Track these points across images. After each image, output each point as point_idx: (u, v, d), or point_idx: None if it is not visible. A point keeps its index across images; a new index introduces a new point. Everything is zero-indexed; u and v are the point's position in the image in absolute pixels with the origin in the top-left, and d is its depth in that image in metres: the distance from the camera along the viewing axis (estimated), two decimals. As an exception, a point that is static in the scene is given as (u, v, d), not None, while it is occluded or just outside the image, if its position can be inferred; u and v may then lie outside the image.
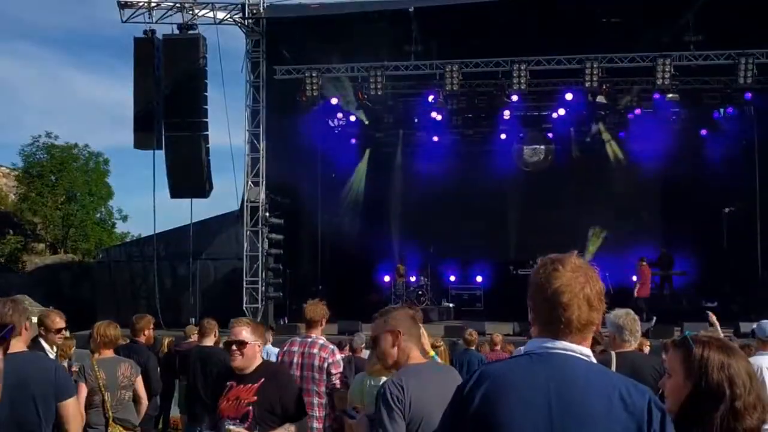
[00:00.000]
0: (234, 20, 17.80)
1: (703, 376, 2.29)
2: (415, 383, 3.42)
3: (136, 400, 6.17)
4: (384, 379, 4.05)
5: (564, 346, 2.08)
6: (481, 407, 2.04)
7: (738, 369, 2.28)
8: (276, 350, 8.09)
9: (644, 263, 18.36)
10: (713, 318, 7.30)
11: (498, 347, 10.70)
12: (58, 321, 5.69)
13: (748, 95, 18.28)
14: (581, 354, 2.09)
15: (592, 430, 1.95)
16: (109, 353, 6.06)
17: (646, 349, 7.67)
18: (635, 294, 17.54)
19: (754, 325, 6.82)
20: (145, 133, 18.18)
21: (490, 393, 2.05)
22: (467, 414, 2.08)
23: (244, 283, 17.46)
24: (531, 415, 1.98)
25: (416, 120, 21.01)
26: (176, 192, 18.29)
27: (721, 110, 20.14)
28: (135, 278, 20.41)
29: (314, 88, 17.26)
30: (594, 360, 2.13)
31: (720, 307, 18.75)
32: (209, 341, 7.75)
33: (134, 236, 32.46)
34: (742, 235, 20.04)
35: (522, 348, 2.18)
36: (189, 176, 17.98)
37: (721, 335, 5.48)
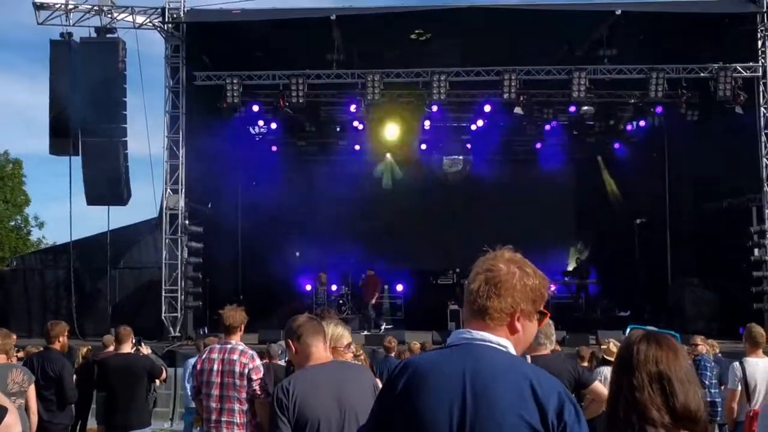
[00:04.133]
0: (153, 24, 17.44)
1: (616, 366, 2.28)
2: (304, 385, 3.56)
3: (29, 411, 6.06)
4: None
5: (482, 336, 2.15)
6: (403, 395, 2.15)
7: (647, 356, 2.17)
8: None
9: (372, 272, 19.30)
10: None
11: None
12: None
13: (659, 109, 19.07)
14: (498, 344, 2.14)
15: (500, 417, 2.02)
16: (1, 359, 5.99)
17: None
18: (366, 301, 18.66)
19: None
20: (61, 139, 17.58)
21: (411, 381, 2.15)
22: (392, 401, 2.18)
23: (163, 292, 17.03)
24: (446, 402, 2.06)
25: (338, 129, 21.04)
26: (93, 199, 17.74)
27: (634, 123, 20.89)
28: (49, 287, 19.75)
29: (235, 95, 17.14)
30: (512, 351, 2.16)
31: (632, 316, 19.43)
32: (126, 348, 7.66)
33: (48, 244, 31.52)
34: (653, 246, 20.75)
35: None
36: (106, 183, 17.47)
37: None
